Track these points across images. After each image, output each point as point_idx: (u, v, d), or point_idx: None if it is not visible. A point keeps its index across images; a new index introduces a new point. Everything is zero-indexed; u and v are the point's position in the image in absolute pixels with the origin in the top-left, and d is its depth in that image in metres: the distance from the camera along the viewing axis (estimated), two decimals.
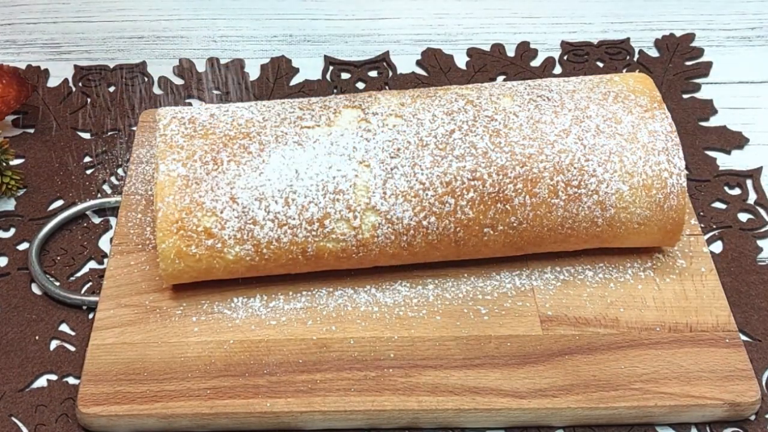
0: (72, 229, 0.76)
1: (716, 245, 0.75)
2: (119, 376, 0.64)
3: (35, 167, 0.81)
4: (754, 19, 0.98)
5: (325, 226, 0.66)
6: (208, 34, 0.96)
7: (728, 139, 0.84)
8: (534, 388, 0.64)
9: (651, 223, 0.68)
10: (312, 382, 0.64)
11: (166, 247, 0.65)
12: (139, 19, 0.98)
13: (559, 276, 0.71)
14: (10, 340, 0.68)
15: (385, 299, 0.69)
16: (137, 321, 0.67)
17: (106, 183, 0.80)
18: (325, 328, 0.67)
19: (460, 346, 0.66)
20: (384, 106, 0.69)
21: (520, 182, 0.66)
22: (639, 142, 0.68)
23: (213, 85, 0.89)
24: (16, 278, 0.73)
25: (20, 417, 0.64)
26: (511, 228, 0.67)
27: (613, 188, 0.67)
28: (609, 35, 0.96)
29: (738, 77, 0.91)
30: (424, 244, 0.67)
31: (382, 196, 0.66)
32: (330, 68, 0.92)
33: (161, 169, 0.66)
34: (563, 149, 0.67)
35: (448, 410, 0.63)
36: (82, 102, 0.87)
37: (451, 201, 0.66)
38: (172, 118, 0.69)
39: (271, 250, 0.66)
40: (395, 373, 0.64)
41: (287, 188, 0.65)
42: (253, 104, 0.70)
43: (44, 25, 0.97)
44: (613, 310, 0.68)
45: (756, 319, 0.70)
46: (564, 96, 0.69)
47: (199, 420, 0.63)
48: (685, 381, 0.64)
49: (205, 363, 0.65)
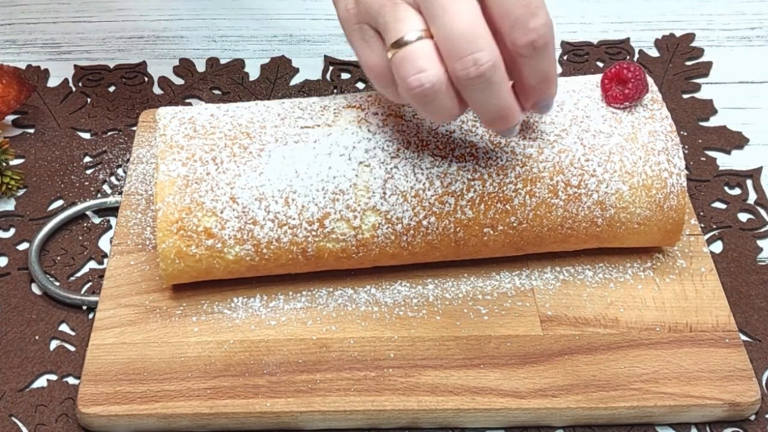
0: (72, 229, 0.76)
1: (716, 245, 0.75)
2: (119, 376, 0.64)
3: (35, 167, 0.81)
4: (754, 19, 0.98)
5: (325, 226, 0.66)
6: (208, 34, 0.96)
7: (728, 139, 0.84)
8: (534, 388, 0.64)
9: (651, 223, 0.68)
10: (312, 382, 0.64)
11: (166, 247, 0.65)
12: (139, 19, 0.98)
13: (559, 276, 0.71)
14: (10, 340, 0.68)
15: (385, 299, 0.69)
16: (137, 321, 0.67)
17: (106, 183, 0.80)
18: (325, 328, 0.67)
19: (460, 346, 0.66)
20: (384, 106, 0.69)
21: (520, 182, 0.66)
22: (639, 142, 0.68)
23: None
24: (16, 278, 0.73)
25: (20, 417, 0.64)
26: (511, 228, 0.67)
27: (613, 188, 0.67)
28: (609, 35, 0.96)
29: (738, 77, 0.91)
30: (424, 244, 0.67)
31: (382, 196, 0.66)
32: (330, 68, 0.92)
33: (161, 169, 0.66)
34: (563, 149, 0.67)
35: (448, 410, 0.63)
36: (82, 102, 0.87)
37: (451, 201, 0.66)
38: (172, 118, 0.69)
39: (271, 250, 0.66)
40: (395, 373, 0.64)
41: (287, 188, 0.65)
42: (253, 104, 0.70)
43: (44, 25, 0.97)
44: (613, 310, 0.68)
45: (756, 319, 0.70)
46: (564, 96, 0.69)
47: (199, 420, 0.63)
48: (685, 381, 0.64)
49: (205, 363, 0.65)
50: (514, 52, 0.58)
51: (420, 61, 0.56)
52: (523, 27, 0.56)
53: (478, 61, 0.56)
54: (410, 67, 0.57)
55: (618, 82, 0.69)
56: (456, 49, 0.56)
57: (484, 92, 0.57)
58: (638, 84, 0.68)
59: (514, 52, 0.58)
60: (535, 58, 0.58)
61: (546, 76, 0.60)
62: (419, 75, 0.56)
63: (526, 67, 0.59)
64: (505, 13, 0.57)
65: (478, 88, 0.57)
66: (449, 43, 0.56)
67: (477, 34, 0.56)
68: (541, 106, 0.62)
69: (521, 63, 0.59)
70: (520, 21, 0.56)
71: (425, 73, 0.56)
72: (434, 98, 0.57)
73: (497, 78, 0.57)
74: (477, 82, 0.56)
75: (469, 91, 0.57)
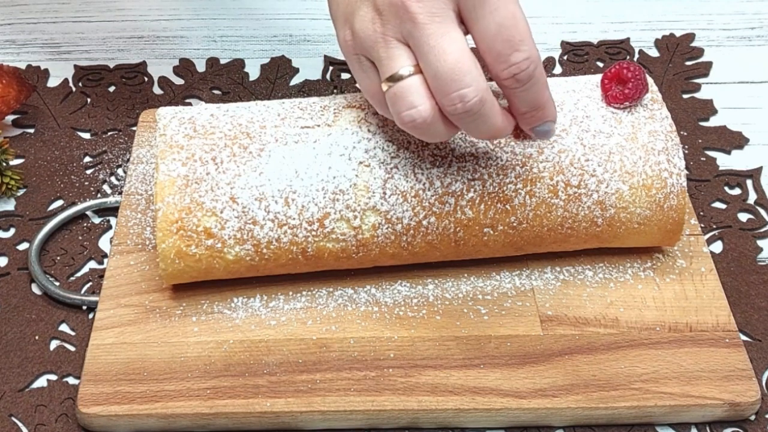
0: (72, 229, 0.76)
1: (716, 245, 0.75)
2: (119, 376, 0.64)
3: (35, 167, 0.81)
4: (754, 19, 0.98)
5: (325, 226, 0.66)
6: (208, 34, 0.96)
7: (728, 139, 0.84)
8: (534, 388, 0.64)
9: (651, 223, 0.68)
10: (312, 382, 0.64)
11: (166, 247, 0.65)
12: (139, 19, 0.98)
13: (559, 276, 0.71)
14: (10, 340, 0.68)
15: (385, 299, 0.69)
16: (137, 321, 0.67)
17: (106, 183, 0.80)
18: (325, 328, 0.67)
19: (460, 346, 0.66)
20: None
21: (520, 182, 0.66)
22: (639, 142, 0.68)
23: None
24: (16, 278, 0.73)
25: (20, 417, 0.64)
26: (511, 228, 0.67)
27: (613, 188, 0.67)
28: (609, 35, 0.96)
29: (738, 77, 0.91)
30: (424, 244, 0.67)
31: (382, 196, 0.66)
32: (330, 68, 0.92)
33: (161, 169, 0.66)
34: (563, 149, 0.67)
35: (448, 410, 0.63)
36: (82, 102, 0.87)
37: (451, 201, 0.66)
38: (172, 118, 0.69)
39: (271, 250, 0.66)
40: (395, 373, 0.64)
41: (287, 188, 0.65)
42: (253, 104, 0.70)
43: (44, 25, 0.97)
44: (613, 310, 0.68)
45: (756, 319, 0.70)
46: (564, 96, 0.69)
47: (199, 420, 0.63)
48: (685, 381, 0.64)
49: (205, 363, 0.65)
50: (501, 85, 0.60)
51: (411, 97, 0.59)
52: (505, 62, 0.58)
53: (464, 98, 0.57)
54: (402, 103, 0.59)
55: (618, 82, 0.69)
56: (443, 86, 0.58)
57: (473, 123, 0.59)
58: (638, 84, 0.68)
59: (500, 84, 0.60)
60: (521, 89, 0.60)
61: (536, 105, 0.61)
62: (411, 111, 0.59)
63: (515, 96, 0.61)
64: (487, 49, 0.59)
65: (467, 120, 0.59)
66: (436, 81, 0.58)
67: (463, 72, 0.57)
68: (537, 132, 0.63)
69: (509, 94, 0.61)
70: (502, 56, 0.58)
71: (416, 109, 0.59)
72: (427, 129, 0.60)
73: (485, 110, 0.59)
74: (465, 116, 0.58)
75: (458, 122, 0.60)
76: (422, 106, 0.58)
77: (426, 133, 0.60)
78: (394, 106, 0.60)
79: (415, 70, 0.59)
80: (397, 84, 0.59)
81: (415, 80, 0.59)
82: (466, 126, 0.60)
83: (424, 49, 0.58)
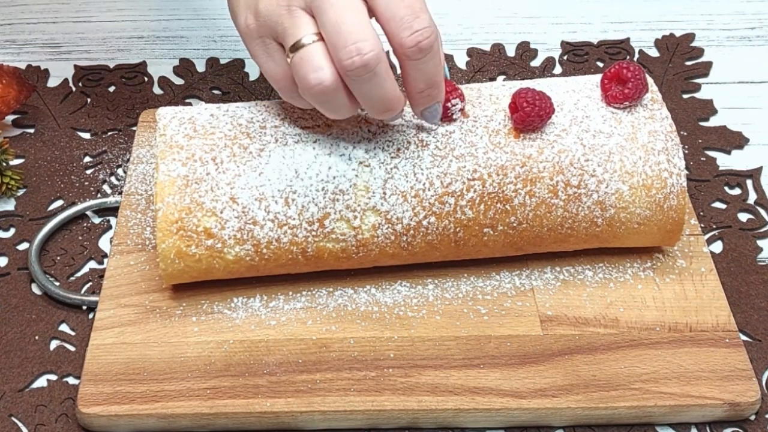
0: (72, 229, 0.76)
1: (716, 245, 0.75)
2: (119, 376, 0.64)
3: (35, 167, 0.81)
4: (754, 19, 0.98)
5: (325, 226, 0.66)
6: (208, 34, 0.96)
7: (728, 139, 0.84)
8: (534, 388, 0.64)
9: (651, 223, 0.68)
10: (312, 382, 0.64)
11: (166, 247, 0.65)
12: (139, 19, 0.98)
13: (559, 276, 0.71)
14: (10, 340, 0.68)
15: (385, 299, 0.69)
16: (137, 321, 0.67)
17: (106, 183, 0.80)
18: (325, 328, 0.67)
19: (460, 346, 0.66)
20: None
21: (520, 182, 0.66)
22: (639, 142, 0.68)
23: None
24: (16, 278, 0.73)
25: (20, 417, 0.64)
26: (511, 228, 0.67)
27: (613, 188, 0.67)
28: (609, 35, 0.96)
29: (738, 77, 0.91)
30: (424, 244, 0.67)
31: (382, 196, 0.66)
32: None
33: (161, 169, 0.66)
34: (563, 149, 0.67)
35: (447, 410, 0.63)
36: (82, 102, 0.87)
37: (451, 201, 0.66)
38: (172, 118, 0.69)
39: (271, 250, 0.66)
40: (395, 373, 0.64)
41: (287, 188, 0.65)
42: (253, 104, 0.70)
43: (44, 25, 0.97)
44: (613, 310, 0.68)
45: (756, 319, 0.70)
46: (564, 96, 0.70)
47: (199, 420, 0.63)
48: (685, 381, 0.64)
49: (205, 363, 0.65)
50: (402, 55, 0.61)
51: (316, 60, 0.60)
52: (409, 27, 0.60)
53: (361, 50, 0.59)
54: (308, 66, 0.60)
55: (618, 82, 0.69)
56: (341, 40, 0.59)
57: (369, 84, 0.60)
58: (638, 84, 0.68)
59: (402, 54, 0.61)
60: (422, 60, 0.61)
61: (433, 81, 0.63)
62: (317, 73, 0.60)
63: (414, 70, 0.62)
64: (390, 16, 0.60)
65: (363, 79, 0.60)
66: (335, 36, 0.59)
67: (362, 26, 0.59)
68: (427, 114, 0.65)
69: (408, 66, 0.62)
70: (405, 21, 0.60)
71: (323, 71, 0.60)
72: (332, 97, 0.61)
73: (380, 70, 0.60)
74: (362, 72, 0.59)
75: (355, 84, 0.60)
76: (326, 69, 0.60)
77: (330, 102, 0.61)
78: (299, 73, 0.60)
79: (318, 38, 0.60)
80: (301, 50, 0.60)
81: (318, 46, 0.60)
82: (362, 89, 0.60)
83: (324, 7, 0.59)
